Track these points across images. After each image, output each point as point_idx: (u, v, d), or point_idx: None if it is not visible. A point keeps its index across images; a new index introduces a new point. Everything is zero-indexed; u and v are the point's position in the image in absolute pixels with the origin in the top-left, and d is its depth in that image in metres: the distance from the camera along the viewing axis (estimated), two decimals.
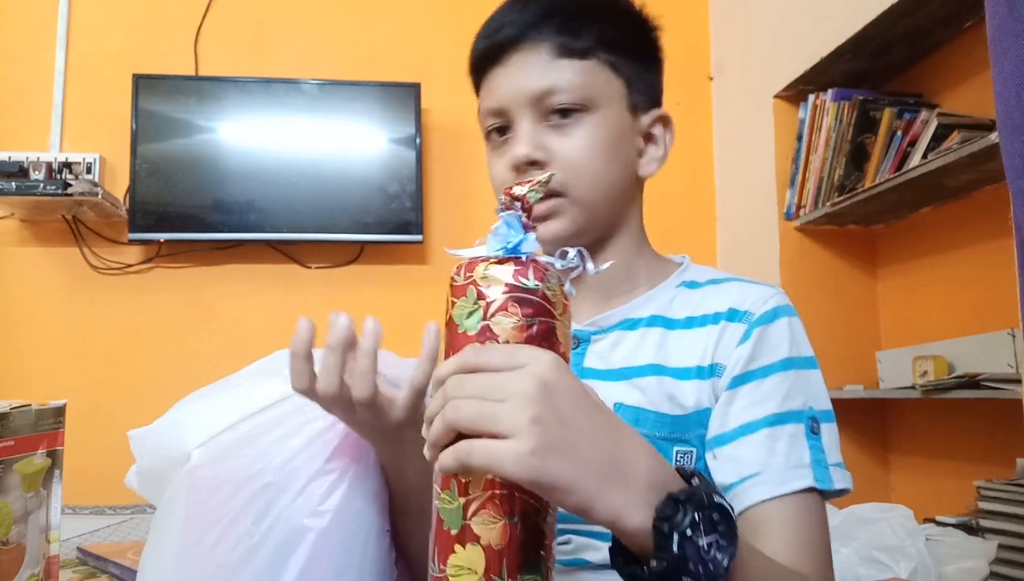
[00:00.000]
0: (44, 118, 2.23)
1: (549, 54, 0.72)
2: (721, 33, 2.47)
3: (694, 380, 0.70)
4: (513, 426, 0.44)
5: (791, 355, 0.70)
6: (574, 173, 0.71)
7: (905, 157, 1.75)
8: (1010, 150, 0.53)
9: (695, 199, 2.46)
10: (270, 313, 2.27)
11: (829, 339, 2.04)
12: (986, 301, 1.69)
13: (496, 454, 0.43)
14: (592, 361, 0.76)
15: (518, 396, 0.44)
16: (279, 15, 2.38)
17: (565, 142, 0.72)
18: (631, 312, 0.76)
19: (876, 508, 1.30)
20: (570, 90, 0.71)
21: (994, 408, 1.57)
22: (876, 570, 1.15)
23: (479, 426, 0.44)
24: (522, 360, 0.46)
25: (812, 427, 0.68)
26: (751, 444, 0.66)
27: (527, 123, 0.72)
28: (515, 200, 0.50)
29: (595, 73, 0.73)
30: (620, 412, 0.72)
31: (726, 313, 0.72)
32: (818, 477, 0.65)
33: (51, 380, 2.16)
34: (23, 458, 0.87)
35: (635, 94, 0.76)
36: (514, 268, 0.48)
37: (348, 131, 2.28)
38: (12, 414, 0.85)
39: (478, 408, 0.45)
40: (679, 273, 0.79)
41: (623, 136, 0.75)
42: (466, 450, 0.44)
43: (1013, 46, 0.52)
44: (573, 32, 0.72)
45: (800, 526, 0.64)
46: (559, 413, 0.45)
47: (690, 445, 0.70)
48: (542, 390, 0.45)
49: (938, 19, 1.71)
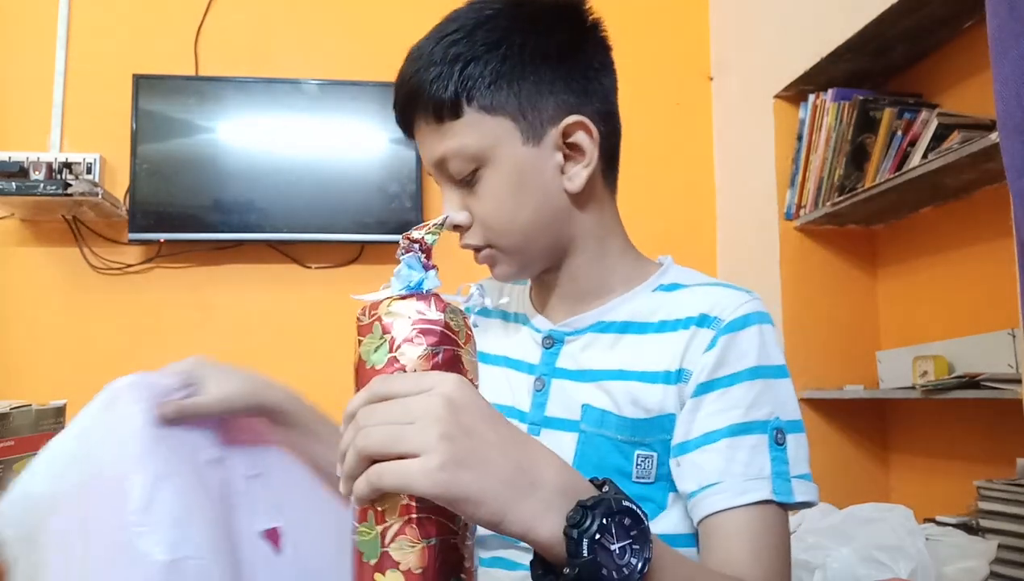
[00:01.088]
0: (44, 118, 2.23)
1: (430, 121, 0.71)
2: (721, 33, 2.47)
3: (660, 384, 0.70)
4: (422, 444, 0.45)
5: (759, 363, 0.69)
6: (492, 229, 0.74)
7: (905, 157, 1.75)
8: (1010, 150, 0.53)
9: (695, 199, 2.46)
10: (270, 313, 2.27)
11: (829, 339, 2.04)
12: (986, 301, 1.69)
13: (407, 472, 0.45)
14: (564, 362, 0.76)
15: (425, 416, 0.45)
16: (279, 15, 2.38)
17: (477, 202, 0.73)
18: (605, 315, 0.76)
19: (876, 508, 1.31)
20: (458, 156, 0.71)
21: (994, 408, 1.57)
22: (876, 570, 1.15)
23: (389, 449, 0.45)
24: (428, 384, 0.47)
25: (776, 438, 0.67)
26: (712, 453, 0.66)
27: (447, 187, 0.74)
28: (414, 242, 0.53)
29: (476, 126, 0.70)
30: (586, 413, 0.72)
31: (697, 318, 0.71)
32: (777, 489, 0.65)
33: (51, 380, 2.16)
34: (23, 458, 0.87)
35: (528, 122, 0.71)
36: (417, 302, 0.51)
37: (348, 131, 2.28)
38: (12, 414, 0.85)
39: (387, 431, 0.46)
40: (657, 276, 0.78)
41: (527, 171, 0.71)
42: (377, 472, 0.45)
43: (1013, 46, 0.52)
44: (441, 85, 0.69)
45: (755, 537, 0.64)
46: (466, 428, 0.46)
47: (651, 449, 0.70)
48: (448, 408, 0.46)
49: (938, 19, 1.71)
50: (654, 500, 0.70)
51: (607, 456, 0.71)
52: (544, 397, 0.76)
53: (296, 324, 2.26)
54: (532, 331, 0.80)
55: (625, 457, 0.70)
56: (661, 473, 0.70)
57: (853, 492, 1.91)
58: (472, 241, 0.75)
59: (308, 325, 2.26)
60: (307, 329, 2.26)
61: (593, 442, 0.71)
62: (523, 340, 0.81)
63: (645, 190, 2.40)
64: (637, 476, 0.70)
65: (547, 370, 0.77)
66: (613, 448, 0.71)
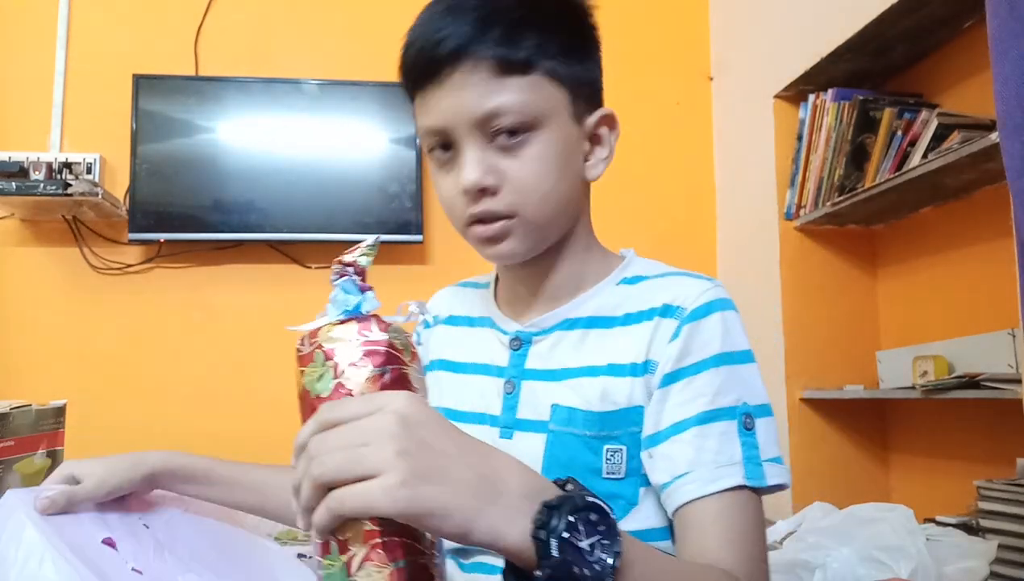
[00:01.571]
0: (44, 118, 2.23)
1: (489, 72, 0.67)
2: (721, 33, 2.47)
3: (628, 377, 0.70)
4: (379, 463, 0.43)
5: (724, 350, 0.69)
6: (525, 195, 0.70)
7: (905, 157, 1.75)
8: (1010, 150, 0.53)
9: (695, 199, 2.46)
10: (270, 313, 2.27)
11: (829, 339, 2.04)
12: (986, 301, 1.69)
13: (368, 494, 0.43)
14: (533, 362, 0.76)
15: (380, 435, 0.44)
16: (279, 15, 2.38)
17: (515, 164, 0.69)
18: (570, 312, 0.76)
19: (876, 508, 1.31)
20: (516, 111, 0.68)
21: (994, 408, 1.57)
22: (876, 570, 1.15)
23: (346, 473, 0.44)
24: (378, 404, 0.46)
25: (745, 423, 0.67)
26: (682, 443, 0.66)
27: (474, 147, 0.69)
28: (347, 266, 0.51)
29: (539, 88, 0.69)
30: (556, 413, 0.72)
31: (660, 309, 0.71)
32: (749, 474, 0.65)
33: (51, 380, 2.16)
34: (23, 458, 0.87)
35: (578, 100, 0.73)
36: (357, 325, 0.49)
37: (348, 131, 2.28)
38: (12, 414, 0.85)
39: (342, 456, 0.44)
40: (620, 269, 0.78)
41: (571, 147, 0.73)
42: (337, 498, 0.44)
43: (1013, 46, 0.52)
44: (513, 44, 0.67)
45: (729, 523, 0.64)
46: (423, 442, 0.45)
47: (619, 443, 0.70)
48: (402, 424, 0.45)
49: (938, 19, 1.71)
50: (625, 496, 0.70)
51: (577, 454, 0.70)
52: (515, 399, 0.75)
53: (296, 324, 2.26)
54: (499, 333, 0.80)
55: (595, 453, 0.70)
56: (631, 468, 0.70)
57: (853, 492, 1.91)
58: (496, 206, 0.70)
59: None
60: None
61: (562, 441, 0.71)
62: (490, 344, 0.80)
63: (645, 190, 2.40)
64: (607, 472, 0.69)
65: (516, 372, 0.77)
66: (582, 445, 0.70)
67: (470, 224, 0.72)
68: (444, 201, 0.74)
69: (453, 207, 0.72)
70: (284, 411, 2.50)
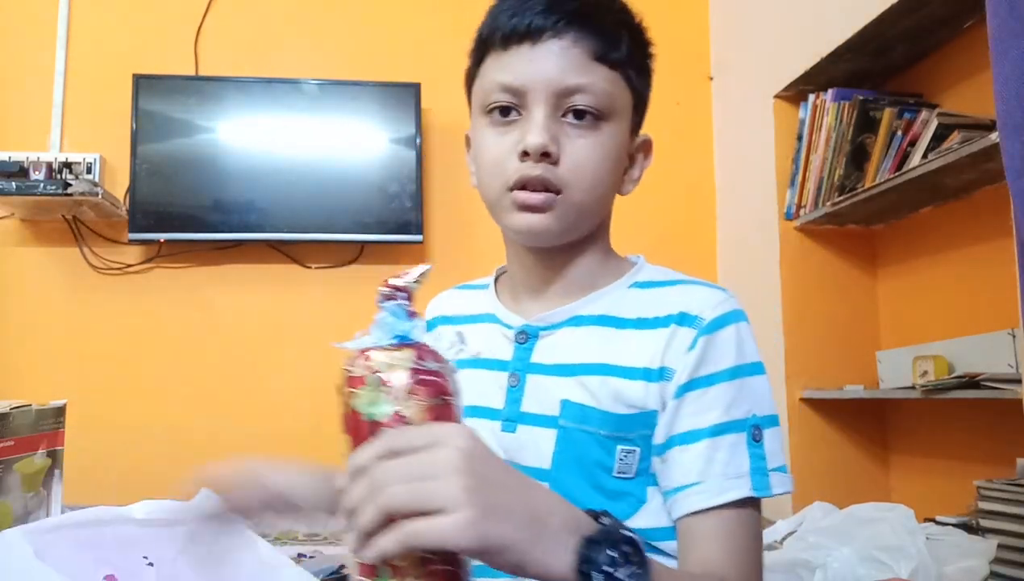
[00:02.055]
0: (44, 118, 2.23)
1: (587, 52, 0.71)
2: (721, 33, 2.47)
3: (641, 381, 0.71)
4: (449, 499, 0.45)
5: (737, 363, 0.71)
6: (580, 174, 0.71)
7: (905, 157, 1.75)
8: (1010, 150, 0.53)
9: (695, 199, 2.46)
10: (270, 313, 2.27)
11: (829, 339, 2.04)
12: (986, 301, 1.69)
13: (443, 530, 0.45)
14: (539, 356, 0.76)
15: (447, 470, 0.46)
16: (279, 15, 2.38)
17: (577, 142, 0.71)
18: (580, 309, 0.77)
19: (876, 508, 1.31)
20: (598, 95, 0.71)
21: (994, 408, 1.57)
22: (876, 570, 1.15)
23: (416, 506, 0.45)
24: (440, 436, 0.47)
25: (754, 435, 0.69)
26: (692, 453, 0.68)
27: (545, 114, 0.70)
28: (399, 291, 0.51)
29: (619, 86, 0.73)
30: (566, 409, 0.72)
31: (676, 316, 0.72)
32: (755, 485, 0.67)
33: (51, 380, 2.16)
34: (23, 458, 0.87)
35: (637, 114, 0.78)
36: (414, 353, 0.49)
37: (348, 131, 2.28)
38: (12, 414, 0.85)
39: (411, 489, 0.45)
40: (632, 273, 0.79)
41: (621, 153, 0.76)
42: (413, 532, 0.45)
43: (1013, 46, 0.52)
44: (612, 40, 0.72)
45: (732, 537, 0.66)
46: (485, 479, 0.47)
47: (633, 444, 0.71)
48: (467, 460, 0.46)
49: (938, 19, 1.71)
50: (634, 495, 0.71)
51: (588, 451, 0.71)
52: (519, 393, 0.76)
53: (296, 324, 2.26)
54: (502, 328, 0.80)
55: (607, 452, 0.70)
56: (642, 468, 0.71)
57: (853, 492, 1.91)
58: (550, 175, 0.70)
59: (308, 325, 2.26)
60: (307, 329, 2.26)
61: (573, 437, 0.71)
62: (492, 337, 0.80)
63: (645, 190, 2.39)
64: (618, 471, 0.70)
65: (521, 365, 0.77)
66: (594, 443, 0.71)
67: (514, 188, 0.71)
68: (489, 161, 0.74)
69: (500, 166, 0.72)
70: (284, 411, 2.52)
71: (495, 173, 0.73)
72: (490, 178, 0.74)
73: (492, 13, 0.74)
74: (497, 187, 0.73)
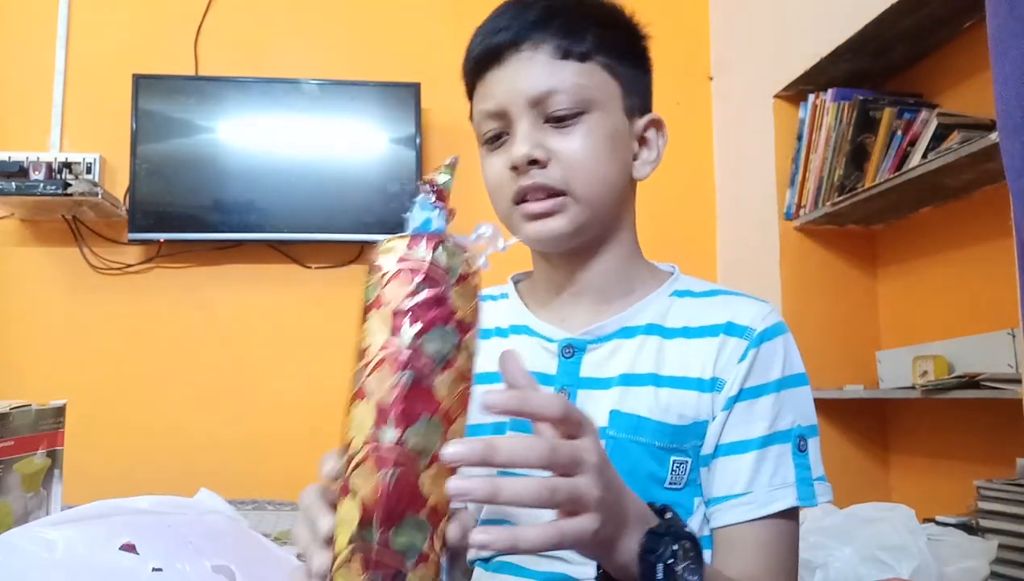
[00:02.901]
0: (44, 118, 2.23)
1: (549, 56, 0.71)
2: (721, 33, 2.47)
3: (694, 391, 0.71)
4: (588, 500, 0.48)
5: (784, 375, 0.72)
6: (575, 171, 0.71)
7: (905, 157, 1.75)
8: (1010, 150, 0.53)
9: (695, 199, 2.46)
10: (270, 313, 2.27)
11: (829, 339, 2.04)
12: (986, 301, 1.69)
13: (581, 532, 0.48)
14: (589, 371, 0.75)
15: (590, 471, 0.48)
16: (279, 15, 2.38)
17: (565, 141, 0.71)
18: (628, 320, 0.76)
19: (877, 508, 1.30)
20: (570, 92, 0.71)
21: (994, 408, 1.57)
22: (878, 569, 1.15)
23: (568, 506, 0.48)
24: (584, 426, 0.50)
25: (799, 445, 0.71)
26: (740, 463, 0.69)
27: (526, 123, 0.72)
28: (426, 184, 0.54)
29: (594, 76, 0.73)
30: (615, 420, 0.72)
31: (724, 326, 0.73)
32: (801, 495, 0.69)
33: (51, 380, 2.16)
34: (23, 458, 0.87)
35: (630, 97, 0.76)
36: (407, 240, 0.51)
37: (348, 131, 2.28)
38: (12, 414, 0.85)
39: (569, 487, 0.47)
40: (671, 282, 0.79)
41: (620, 137, 0.75)
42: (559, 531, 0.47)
43: (1013, 46, 0.52)
44: (573, 35, 0.72)
45: (773, 549, 0.68)
46: (609, 486, 0.50)
47: (686, 455, 0.71)
48: (601, 467, 0.49)
49: (938, 19, 1.71)
50: (683, 505, 0.71)
51: (640, 462, 0.70)
52: None
53: (296, 324, 2.26)
54: (542, 341, 0.77)
55: (660, 463, 0.70)
56: (691, 479, 0.71)
57: (853, 492, 1.91)
58: (545, 179, 0.71)
59: (308, 325, 2.26)
60: (307, 329, 2.26)
61: (624, 448, 0.71)
62: (532, 351, 0.78)
63: (645, 190, 2.39)
64: (670, 482, 0.71)
65: (570, 380, 0.75)
66: (647, 454, 0.70)
67: (519, 201, 0.73)
68: (491, 183, 0.75)
69: (501, 186, 0.74)
70: (284, 411, 2.52)
71: (499, 194, 0.74)
72: (496, 199, 0.75)
73: (469, 47, 0.77)
74: (504, 205, 0.74)
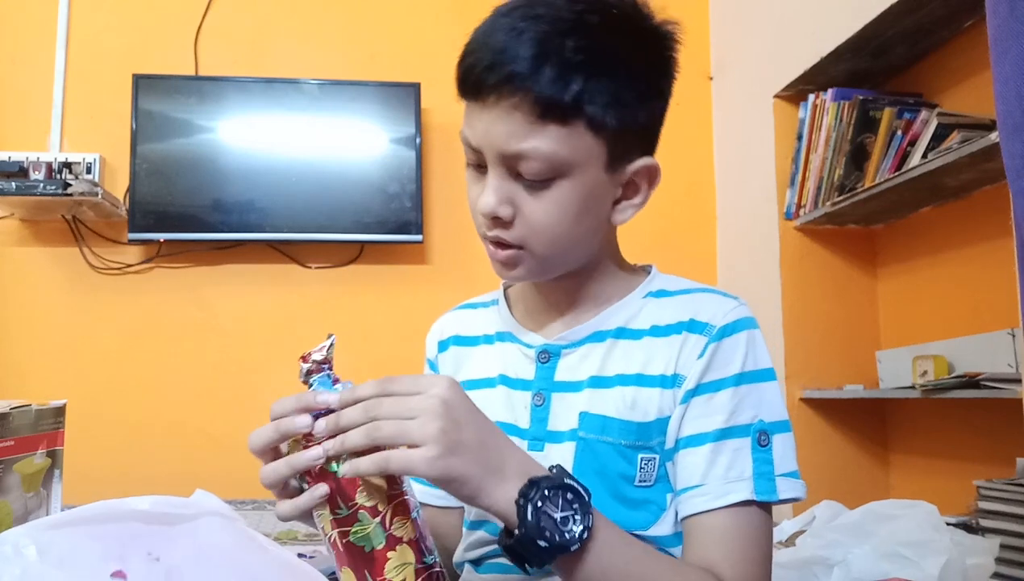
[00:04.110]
0: (44, 118, 2.23)
1: (530, 113, 0.65)
2: (721, 33, 2.47)
3: (656, 388, 0.72)
4: (423, 436, 0.55)
5: (745, 369, 0.71)
6: (537, 234, 0.69)
7: (905, 157, 1.76)
8: (1010, 150, 0.53)
9: (695, 199, 2.46)
10: (270, 313, 2.27)
11: (829, 339, 2.04)
12: (986, 301, 1.69)
13: (411, 459, 0.56)
14: (563, 375, 0.76)
15: (427, 413, 0.56)
16: (279, 15, 2.38)
17: (533, 203, 0.68)
18: (600, 325, 0.76)
19: (895, 505, 1.29)
20: (543, 159, 0.66)
21: (994, 408, 1.57)
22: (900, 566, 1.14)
23: (397, 440, 0.56)
24: (424, 386, 0.58)
25: (760, 440, 0.70)
26: (697, 456, 0.70)
27: (497, 175, 0.69)
28: (320, 363, 0.62)
29: (575, 139, 0.67)
30: (586, 421, 0.73)
31: (687, 323, 0.73)
32: (759, 489, 0.68)
33: (51, 380, 2.16)
34: (23, 458, 0.87)
35: (618, 149, 0.70)
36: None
37: (348, 131, 2.28)
38: (12, 414, 0.85)
39: (396, 425, 0.56)
40: (646, 284, 0.79)
41: (596, 195, 0.71)
42: (384, 457, 0.56)
43: (1013, 46, 0.52)
44: (560, 86, 0.65)
45: (731, 537, 0.68)
46: (457, 422, 0.57)
47: (653, 452, 0.72)
48: (444, 406, 0.57)
49: (938, 19, 1.71)
50: (655, 502, 0.71)
51: (609, 462, 0.71)
52: (545, 412, 0.76)
53: (296, 324, 2.26)
54: (523, 347, 0.80)
55: (628, 461, 0.71)
56: (660, 475, 0.72)
57: (853, 492, 1.91)
58: (508, 237, 0.70)
59: (308, 325, 2.26)
60: (307, 329, 2.25)
61: (593, 448, 0.72)
62: (514, 357, 0.80)
63: None
64: (640, 480, 0.71)
65: (545, 384, 0.77)
66: (615, 453, 0.71)
67: (486, 239, 0.73)
68: (470, 206, 0.74)
69: (475, 216, 0.73)
70: None
71: (475, 219, 0.73)
72: (475, 220, 0.74)
73: (460, 57, 0.71)
74: (479, 230, 0.74)
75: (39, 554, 0.64)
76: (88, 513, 0.73)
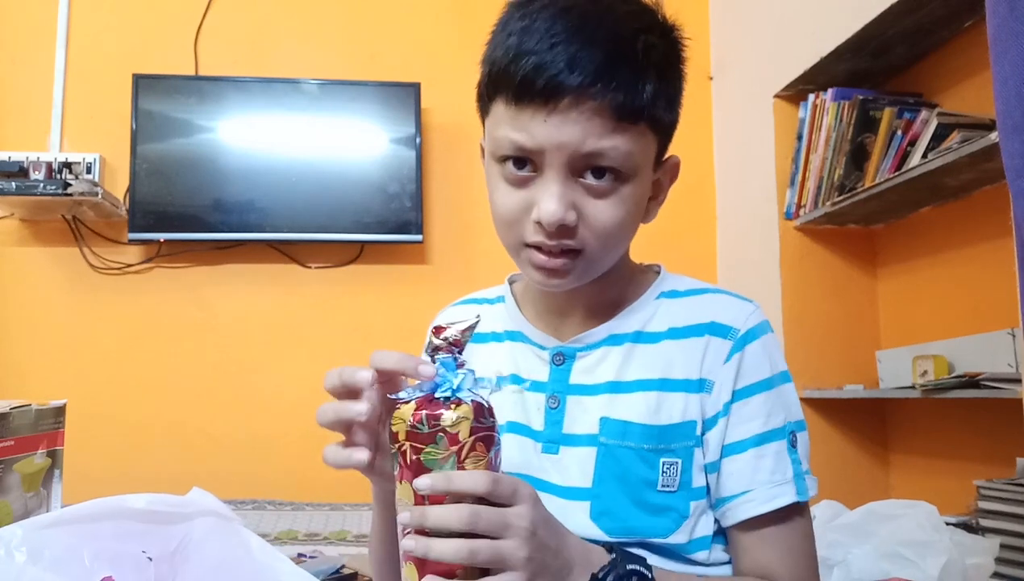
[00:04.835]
0: (44, 118, 2.23)
1: (608, 116, 0.64)
2: (721, 33, 2.47)
3: (681, 392, 0.72)
4: (514, 562, 0.54)
5: (772, 374, 0.73)
6: (599, 237, 0.68)
7: (905, 157, 1.76)
8: (1010, 150, 0.53)
9: (695, 199, 2.46)
10: (270, 313, 2.27)
11: (829, 339, 2.04)
12: (986, 301, 1.69)
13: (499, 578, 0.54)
14: (578, 377, 0.75)
15: (518, 533, 0.54)
16: (279, 15, 2.38)
17: (598, 206, 0.67)
18: (616, 327, 0.76)
19: (895, 505, 1.29)
20: (619, 159, 0.65)
21: (994, 408, 1.57)
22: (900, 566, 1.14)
23: (491, 564, 0.54)
24: (518, 498, 0.56)
25: (792, 441, 0.72)
26: (740, 463, 0.71)
27: (560, 180, 0.65)
28: (452, 345, 0.57)
29: (641, 138, 0.67)
30: (605, 426, 0.72)
31: (708, 325, 0.73)
32: (799, 490, 0.70)
33: (51, 380, 2.16)
34: (23, 458, 0.87)
35: (663, 147, 0.72)
36: (473, 410, 0.56)
37: (348, 131, 2.28)
38: (12, 414, 0.85)
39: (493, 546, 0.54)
40: (657, 284, 0.79)
41: (646, 196, 0.72)
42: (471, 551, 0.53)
43: (1013, 46, 0.52)
44: (632, 89, 0.64)
45: (784, 541, 0.69)
46: (542, 545, 0.56)
47: (675, 456, 0.71)
48: (533, 527, 0.55)
49: (938, 19, 1.71)
50: (677, 509, 0.71)
51: (631, 467, 0.71)
52: (559, 415, 0.75)
53: (296, 324, 2.26)
54: (535, 349, 0.78)
55: (650, 466, 0.71)
56: (683, 481, 0.71)
57: (853, 492, 1.91)
58: (574, 244, 0.67)
59: (308, 325, 2.26)
60: (307, 329, 2.26)
61: (615, 454, 0.71)
62: (526, 358, 0.79)
63: None
64: (662, 485, 0.71)
65: (560, 387, 0.76)
66: (637, 458, 0.71)
67: (529, 247, 0.69)
68: (501, 213, 0.69)
69: (514, 223, 0.68)
70: (284, 410, 2.51)
71: (509, 229, 0.69)
72: (504, 231, 0.70)
73: (505, 46, 0.66)
74: (511, 241, 0.70)
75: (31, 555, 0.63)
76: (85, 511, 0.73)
